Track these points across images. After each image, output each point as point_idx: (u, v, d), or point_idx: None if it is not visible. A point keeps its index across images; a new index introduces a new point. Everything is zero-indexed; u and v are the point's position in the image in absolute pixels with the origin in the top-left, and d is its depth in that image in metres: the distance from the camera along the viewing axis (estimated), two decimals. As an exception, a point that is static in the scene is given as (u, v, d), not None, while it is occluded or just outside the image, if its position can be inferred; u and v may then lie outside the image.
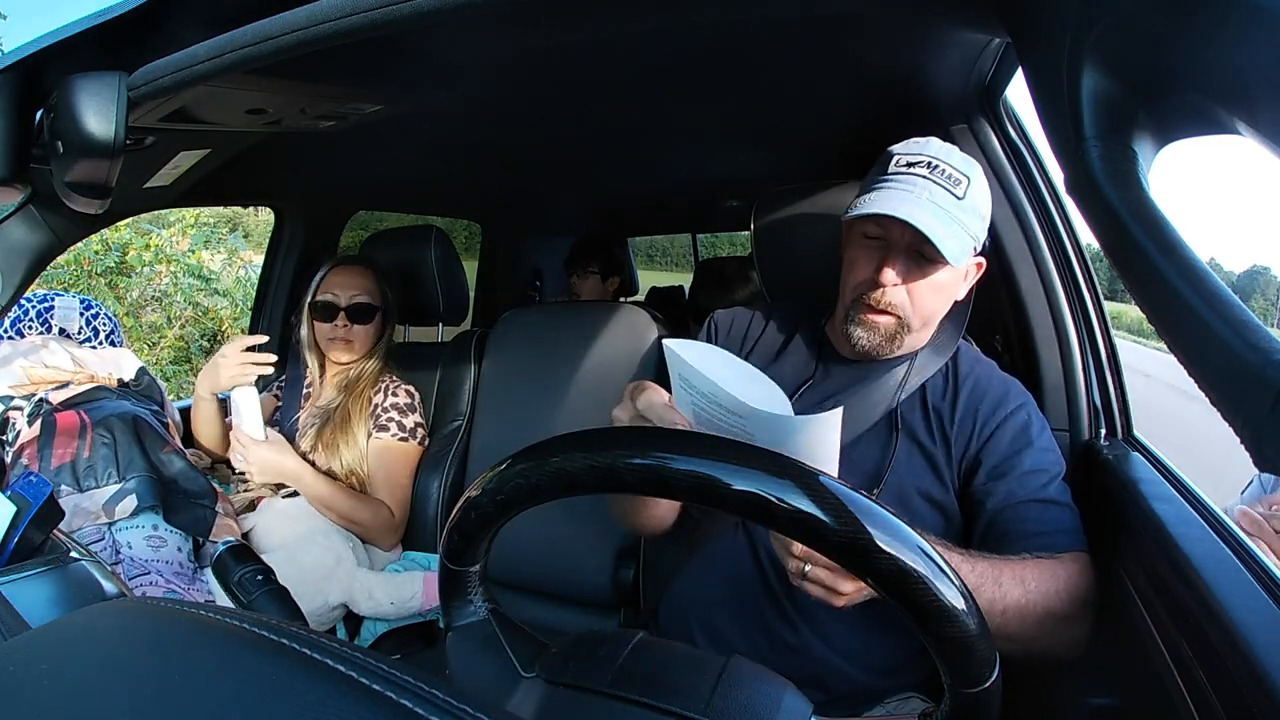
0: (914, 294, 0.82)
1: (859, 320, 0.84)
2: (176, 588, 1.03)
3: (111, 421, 1.09)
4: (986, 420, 0.82)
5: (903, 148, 0.83)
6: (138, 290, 3.82)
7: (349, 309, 1.33)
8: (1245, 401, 0.27)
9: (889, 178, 0.81)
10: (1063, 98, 0.36)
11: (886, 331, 0.83)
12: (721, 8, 0.68)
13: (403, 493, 1.32)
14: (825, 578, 0.63)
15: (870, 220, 0.81)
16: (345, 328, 1.33)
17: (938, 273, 0.82)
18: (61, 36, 0.59)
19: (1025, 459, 0.79)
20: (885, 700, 0.83)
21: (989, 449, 0.81)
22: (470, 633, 0.52)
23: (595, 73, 0.94)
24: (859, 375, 0.89)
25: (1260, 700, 0.45)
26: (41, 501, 0.59)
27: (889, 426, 0.85)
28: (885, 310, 0.82)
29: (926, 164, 0.80)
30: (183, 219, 4.05)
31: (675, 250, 7.56)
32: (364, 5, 0.46)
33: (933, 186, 0.78)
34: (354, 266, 1.38)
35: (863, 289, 0.83)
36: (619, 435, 0.41)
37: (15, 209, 0.75)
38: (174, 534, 1.08)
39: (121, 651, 0.29)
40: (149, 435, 1.12)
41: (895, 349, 0.85)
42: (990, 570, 0.68)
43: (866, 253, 0.83)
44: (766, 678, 0.48)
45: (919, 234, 0.78)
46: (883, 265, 0.81)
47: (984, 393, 0.84)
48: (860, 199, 0.82)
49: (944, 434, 0.83)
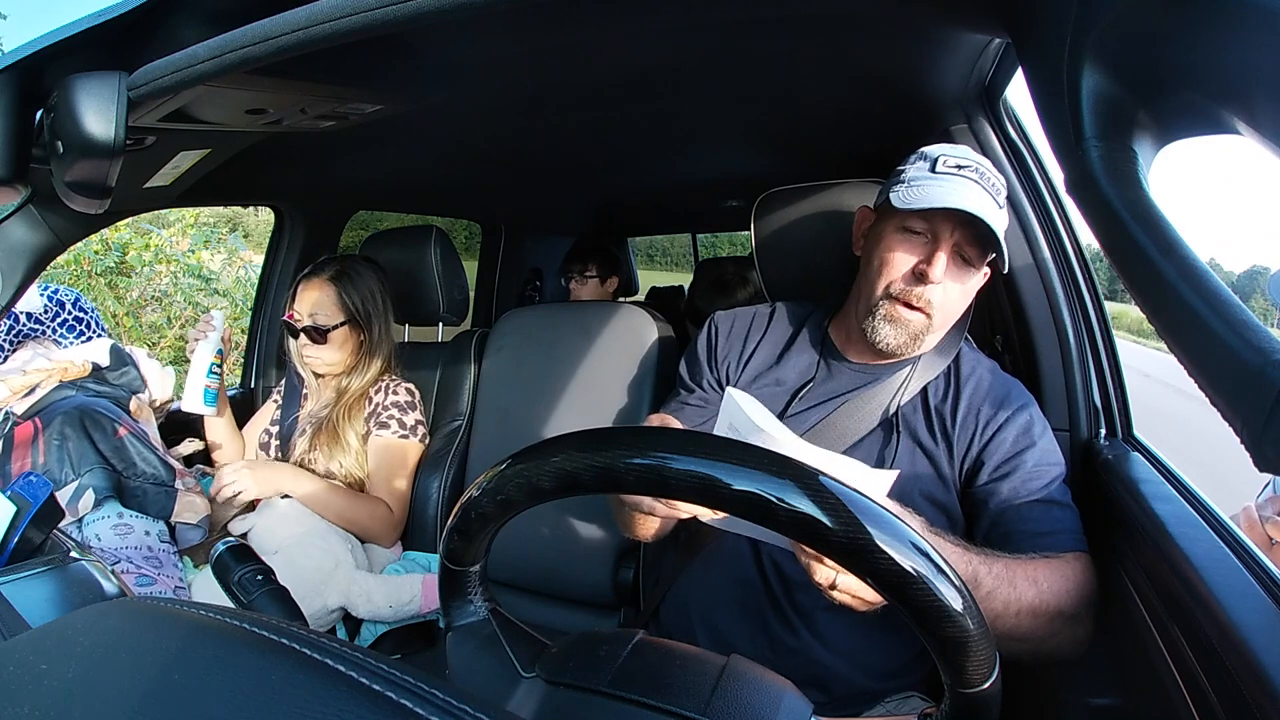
0: (948, 294, 0.81)
1: (889, 316, 0.82)
2: (147, 573, 1.03)
3: (60, 420, 1.09)
4: (989, 421, 0.82)
5: (945, 149, 0.82)
6: (138, 290, 3.82)
7: (306, 330, 1.30)
8: (1245, 402, 0.27)
9: (940, 176, 0.79)
10: (1063, 98, 0.36)
11: (914, 329, 0.82)
12: (722, 8, 0.68)
13: (402, 490, 1.32)
14: (856, 586, 0.60)
15: (916, 215, 0.80)
16: (309, 345, 1.31)
17: (972, 276, 0.82)
18: (61, 36, 0.59)
19: (1028, 459, 0.79)
20: (885, 700, 0.83)
21: (991, 449, 0.81)
22: (470, 633, 0.52)
23: (596, 73, 0.94)
24: (862, 376, 0.88)
25: (1260, 700, 0.45)
26: (41, 501, 0.59)
27: (890, 428, 0.85)
28: (919, 307, 0.81)
29: (975, 169, 0.79)
30: (183, 219, 4.05)
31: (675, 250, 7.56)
32: (364, 5, 0.46)
33: (983, 192, 0.78)
34: (314, 280, 1.32)
35: (901, 284, 0.81)
36: (619, 435, 0.41)
37: (15, 209, 0.75)
38: (140, 519, 1.09)
39: (121, 651, 0.29)
40: (97, 426, 1.11)
41: (916, 349, 0.84)
42: (1006, 571, 0.68)
43: (907, 247, 0.81)
44: (766, 678, 0.48)
45: (965, 234, 0.78)
46: (930, 259, 0.79)
47: (986, 393, 0.84)
48: (905, 193, 0.79)
49: (946, 435, 0.83)
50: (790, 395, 0.89)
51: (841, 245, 1.05)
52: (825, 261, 1.07)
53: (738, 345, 0.97)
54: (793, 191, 1.09)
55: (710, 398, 0.96)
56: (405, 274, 1.49)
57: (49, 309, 1.36)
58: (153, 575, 1.04)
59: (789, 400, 0.89)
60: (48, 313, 1.36)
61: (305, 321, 1.30)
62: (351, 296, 1.32)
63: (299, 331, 1.31)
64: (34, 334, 1.35)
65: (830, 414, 0.86)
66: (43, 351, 1.27)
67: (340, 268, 1.34)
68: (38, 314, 1.34)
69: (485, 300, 2.35)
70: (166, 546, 1.10)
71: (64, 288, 1.42)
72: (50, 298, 1.37)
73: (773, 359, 0.94)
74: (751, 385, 0.92)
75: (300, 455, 1.30)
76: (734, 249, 3.98)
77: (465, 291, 1.58)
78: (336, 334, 1.31)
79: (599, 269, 2.19)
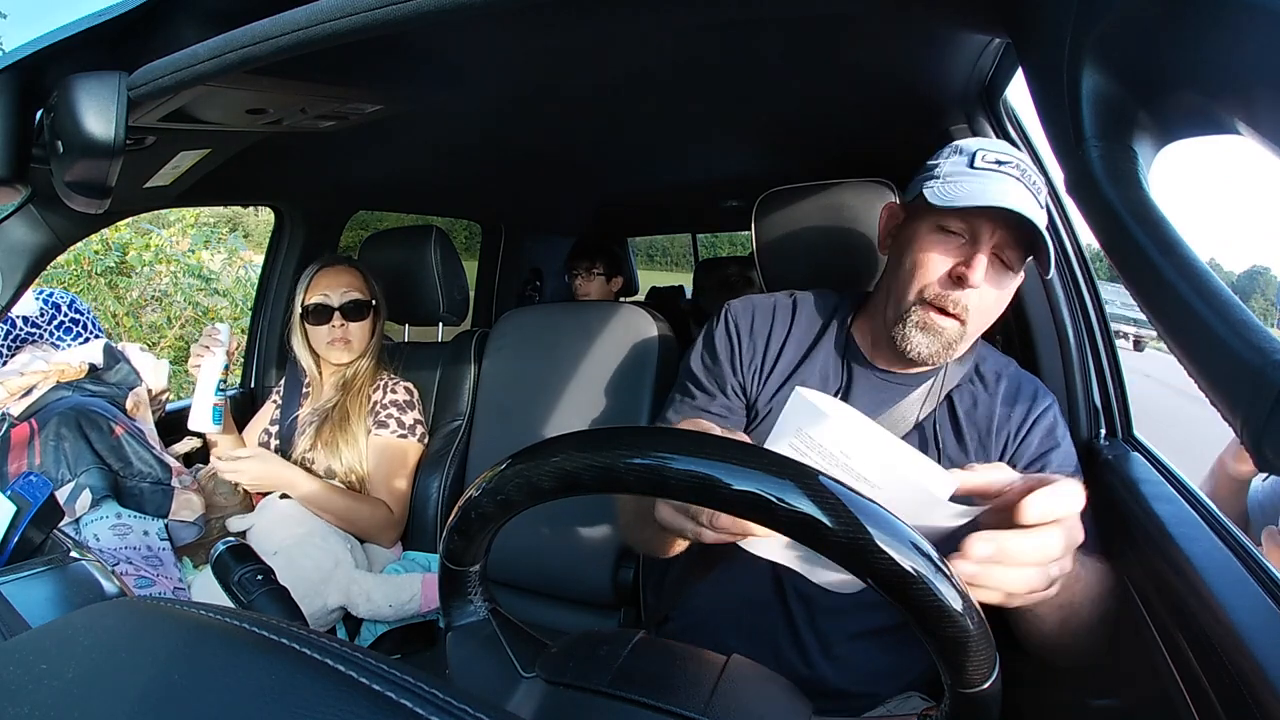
0: (984, 299, 0.75)
1: (922, 323, 0.75)
2: (146, 573, 1.04)
3: (57, 420, 1.10)
4: (1021, 421, 0.80)
5: (982, 143, 0.76)
6: (138, 290, 3.82)
7: (343, 308, 1.34)
8: (1245, 402, 0.27)
9: (980, 172, 0.72)
10: (1063, 98, 0.36)
11: (948, 338, 0.75)
12: (722, 8, 0.68)
13: (402, 490, 1.32)
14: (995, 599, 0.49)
15: (954, 214, 0.73)
16: (342, 327, 1.34)
17: (1010, 280, 0.76)
18: (61, 36, 0.59)
19: (1053, 460, 0.78)
20: (885, 700, 0.83)
21: (1021, 450, 0.79)
22: (470, 633, 0.52)
23: (596, 73, 0.94)
24: (890, 386, 0.83)
25: (1260, 700, 0.45)
26: (41, 501, 0.59)
27: (920, 441, 0.81)
28: (955, 314, 0.74)
29: (1017, 165, 0.72)
30: (183, 219, 4.05)
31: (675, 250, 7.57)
32: (364, 5, 0.46)
33: (1024, 190, 0.71)
34: (339, 266, 1.39)
35: (935, 288, 0.75)
36: (619, 435, 0.41)
37: (15, 209, 0.75)
38: (138, 519, 1.09)
39: (121, 651, 0.29)
40: (93, 425, 1.12)
41: (948, 357, 0.78)
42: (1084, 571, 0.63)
43: (943, 248, 0.74)
44: (766, 678, 0.48)
45: (1007, 235, 0.72)
46: (970, 261, 0.72)
47: (1016, 394, 0.82)
48: (941, 189, 0.73)
49: (980, 441, 0.80)
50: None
51: (843, 245, 1.05)
52: (826, 261, 1.07)
53: (760, 347, 0.89)
54: (793, 191, 1.09)
55: (734, 405, 0.88)
56: (405, 274, 1.49)
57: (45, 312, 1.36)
58: (152, 576, 1.04)
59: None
60: (44, 315, 1.36)
61: (340, 301, 1.34)
62: (371, 282, 1.41)
63: (333, 311, 1.33)
64: (31, 338, 1.35)
65: None
66: (40, 355, 1.27)
67: (353, 258, 1.44)
68: (34, 318, 1.34)
69: (485, 300, 2.35)
70: (165, 546, 1.11)
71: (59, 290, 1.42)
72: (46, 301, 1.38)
73: (796, 363, 0.87)
74: (776, 395, 0.86)
75: (301, 453, 1.30)
76: (734, 249, 3.98)
77: (465, 291, 1.58)
78: (367, 311, 1.38)
79: (606, 267, 2.22)
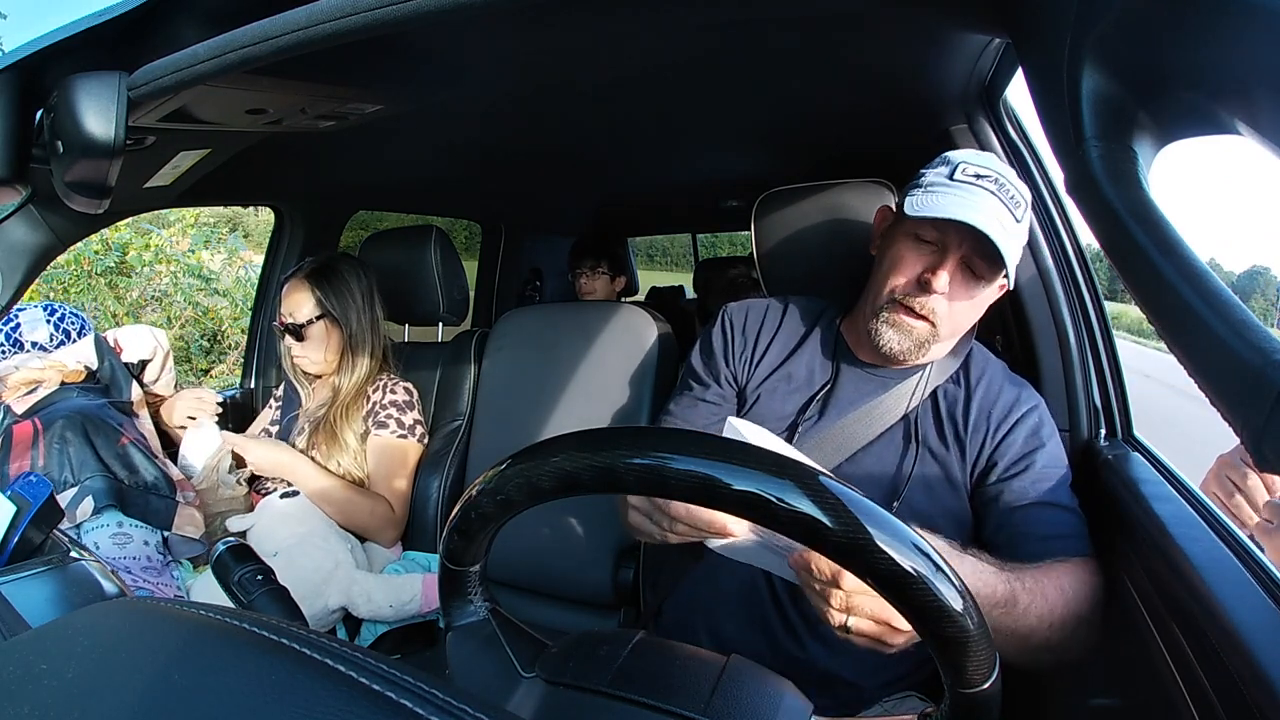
0: (954, 306, 0.80)
1: (892, 321, 0.82)
2: (146, 582, 1.03)
3: (62, 424, 1.09)
4: (1000, 422, 0.82)
5: (968, 156, 0.81)
6: (138, 290, 3.82)
7: (289, 328, 1.32)
8: (1245, 402, 0.27)
9: (956, 184, 0.77)
10: (1063, 98, 0.36)
11: (918, 338, 0.81)
12: (723, 8, 0.68)
13: (402, 490, 1.32)
14: (871, 629, 0.55)
15: (927, 223, 0.78)
16: (295, 344, 1.33)
17: (981, 290, 0.80)
18: (61, 36, 0.59)
19: (1038, 460, 0.79)
20: (883, 700, 0.83)
21: (1002, 450, 0.80)
22: (470, 633, 0.52)
23: (596, 73, 0.94)
24: (874, 379, 0.88)
25: (1261, 700, 0.45)
26: (41, 501, 0.59)
27: (904, 435, 0.84)
28: (923, 316, 0.80)
29: (995, 179, 0.77)
30: (183, 219, 4.05)
31: (675, 250, 7.57)
32: (364, 5, 0.46)
33: (999, 205, 0.76)
34: (294, 280, 1.34)
35: (904, 290, 0.81)
36: (619, 435, 0.41)
37: (15, 209, 0.75)
38: (139, 528, 1.08)
39: (121, 651, 0.29)
40: (99, 432, 1.11)
41: (921, 356, 0.83)
42: (1036, 585, 0.67)
43: (915, 254, 0.81)
44: (766, 678, 0.48)
45: (975, 247, 0.76)
46: (936, 270, 0.78)
47: (997, 394, 0.84)
48: (919, 199, 0.78)
49: (958, 438, 0.83)
50: (804, 398, 0.89)
51: (843, 245, 1.05)
52: (826, 262, 1.07)
53: (751, 340, 0.96)
54: (793, 192, 1.09)
55: (726, 394, 0.95)
56: (405, 274, 1.49)
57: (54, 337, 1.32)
58: (150, 586, 1.03)
59: (804, 404, 0.88)
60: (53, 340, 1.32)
61: (287, 320, 1.32)
62: (325, 292, 1.32)
63: (284, 331, 1.33)
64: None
65: (843, 418, 0.86)
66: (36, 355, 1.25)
67: (318, 265, 1.36)
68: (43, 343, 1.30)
69: (485, 300, 2.35)
70: (164, 557, 1.10)
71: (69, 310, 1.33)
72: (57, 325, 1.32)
73: (784, 356, 0.93)
74: (764, 382, 0.92)
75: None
76: (734, 249, 3.99)
77: (465, 291, 1.58)
78: (312, 330, 1.32)
79: (610, 267, 2.21)
